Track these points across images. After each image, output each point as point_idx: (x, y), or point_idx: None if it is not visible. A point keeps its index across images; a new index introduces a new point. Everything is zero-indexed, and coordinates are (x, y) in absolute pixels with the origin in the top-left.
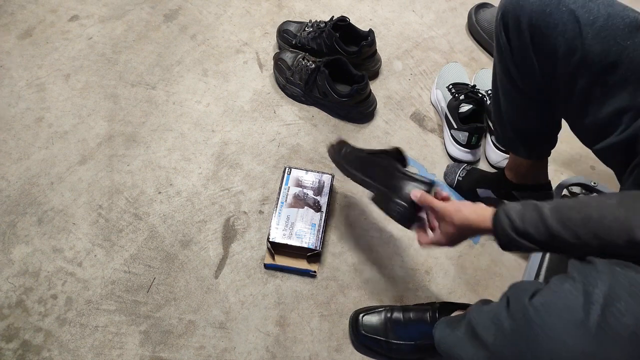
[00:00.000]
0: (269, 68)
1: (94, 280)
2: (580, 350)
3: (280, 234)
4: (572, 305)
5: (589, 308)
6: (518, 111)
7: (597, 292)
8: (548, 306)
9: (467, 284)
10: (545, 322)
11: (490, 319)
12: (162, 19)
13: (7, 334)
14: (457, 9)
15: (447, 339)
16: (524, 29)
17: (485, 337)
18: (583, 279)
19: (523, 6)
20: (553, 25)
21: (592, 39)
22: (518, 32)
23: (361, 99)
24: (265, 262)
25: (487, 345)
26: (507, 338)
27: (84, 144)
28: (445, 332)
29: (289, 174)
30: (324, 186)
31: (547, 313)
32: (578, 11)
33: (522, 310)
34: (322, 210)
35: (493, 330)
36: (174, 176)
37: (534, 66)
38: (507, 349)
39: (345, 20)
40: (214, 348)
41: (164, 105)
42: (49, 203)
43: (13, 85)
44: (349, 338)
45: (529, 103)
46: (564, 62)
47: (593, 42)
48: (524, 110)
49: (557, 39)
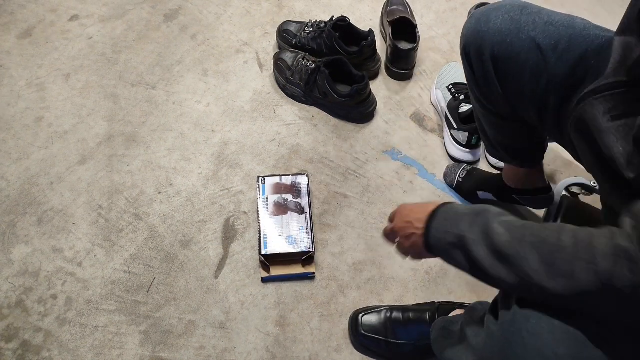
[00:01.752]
0: (269, 68)
1: (94, 280)
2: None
3: (271, 245)
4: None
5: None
6: (497, 130)
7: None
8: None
9: (467, 284)
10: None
11: (480, 322)
12: (163, 18)
13: (7, 334)
14: (457, 9)
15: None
16: (486, 60)
17: (474, 341)
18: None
19: (483, 38)
20: (515, 54)
21: (556, 63)
22: (481, 63)
23: (361, 99)
24: (262, 277)
25: (475, 349)
26: (496, 342)
27: (84, 144)
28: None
29: (263, 184)
30: (302, 187)
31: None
32: (538, 38)
33: (511, 315)
34: (305, 212)
35: (483, 335)
36: (174, 176)
37: (499, 93)
38: (495, 353)
39: (345, 20)
40: (214, 348)
41: (164, 105)
42: (49, 203)
43: (13, 85)
44: (348, 338)
45: (504, 123)
46: (530, 87)
47: (557, 65)
48: (503, 129)
49: (521, 67)
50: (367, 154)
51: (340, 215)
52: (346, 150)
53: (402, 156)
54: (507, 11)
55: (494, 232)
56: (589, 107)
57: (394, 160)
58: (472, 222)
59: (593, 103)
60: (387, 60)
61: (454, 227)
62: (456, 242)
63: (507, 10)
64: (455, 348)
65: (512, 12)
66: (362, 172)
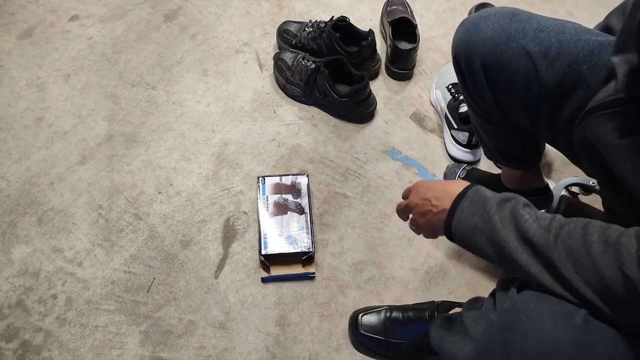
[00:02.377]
0: (269, 68)
1: (94, 280)
2: (568, 340)
3: (271, 245)
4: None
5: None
6: (492, 136)
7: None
8: (538, 297)
9: (467, 284)
10: (534, 312)
11: (478, 313)
12: (162, 19)
13: (7, 334)
14: (457, 9)
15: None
16: (477, 70)
17: (473, 330)
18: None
19: (474, 47)
20: (506, 63)
21: (547, 70)
22: (472, 72)
23: (361, 99)
24: (262, 277)
25: (474, 337)
26: (494, 329)
27: (84, 144)
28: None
29: (263, 184)
30: (302, 187)
31: (536, 303)
32: (528, 45)
33: (509, 301)
34: (305, 212)
35: (482, 324)
36: (174, 176)
37: (491, 100)
38: (493, 339)
39: (345, 20)
40: (214, 348)
41: (164, 105)
42: (49, 203)
43: (13, 85)
44: (348, 338)
45: (498, 129)
46: (522, 95)
47: (548, 73)
48: (496, 135)
49: (512, 75)
50: (367, 154)
51: (340, 215)
52: (346, 150)
53: (402, 156)
54: (496, 19)
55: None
56: (594, 124)
57: (394, 160)
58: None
59: (598, 120)
60: (387, 60)
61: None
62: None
63: (497, 18)
64: (454, 338)
65: (502, 20)
66: (362, 172)
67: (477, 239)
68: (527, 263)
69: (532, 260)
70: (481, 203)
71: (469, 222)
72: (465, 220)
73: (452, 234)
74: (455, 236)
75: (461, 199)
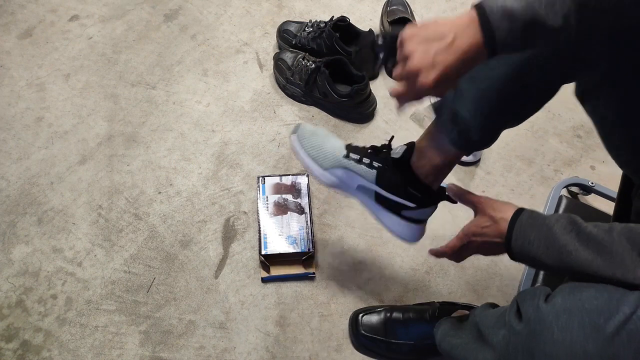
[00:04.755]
0: (269, 68)
1: (94, 280)
2: (596, 352)
3: (271, 245)
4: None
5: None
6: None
7: (623, 308)
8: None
9: (467, 284)
10: (563, 323)
11: (498, 321)
12: (163, 18)
13: (7, 334)
14: (457, 9)
15: (450, 340)
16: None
17: (492, 338)
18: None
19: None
20: None
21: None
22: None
23: (361, 99)
24: (261, 277)
25: (494, 346)
26: (518, 338)
27: (84, 144)
28: (448, 333)
29: (263, 184)
30: (302, 187)
31: (565, 314)
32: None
33: (535, 312)
34: (305, 212)
35: (502, 332)
36: (174, 176)
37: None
38: (517, 349)
39: (345, 20)
40: (214, 348)
41: (164, 105)
42: (49, 203)
43: (13, 85)
44: (348, 338)
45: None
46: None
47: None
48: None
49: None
50: None
51: (340, 215)
52: None
53: None
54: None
55: (583, 225)
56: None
57: None
58: (558, 220)
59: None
60: None
61: (540, 221)
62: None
63: None
64: (469, 346)
65: None
66: None
67: (535, 248)
68: (588, 260)
69: (593, 256)
70: (540, 219)
71: (529, 234)
72: (524, 232)
73: (512, 248)
74: (515, 249)
75: (517, 217)
